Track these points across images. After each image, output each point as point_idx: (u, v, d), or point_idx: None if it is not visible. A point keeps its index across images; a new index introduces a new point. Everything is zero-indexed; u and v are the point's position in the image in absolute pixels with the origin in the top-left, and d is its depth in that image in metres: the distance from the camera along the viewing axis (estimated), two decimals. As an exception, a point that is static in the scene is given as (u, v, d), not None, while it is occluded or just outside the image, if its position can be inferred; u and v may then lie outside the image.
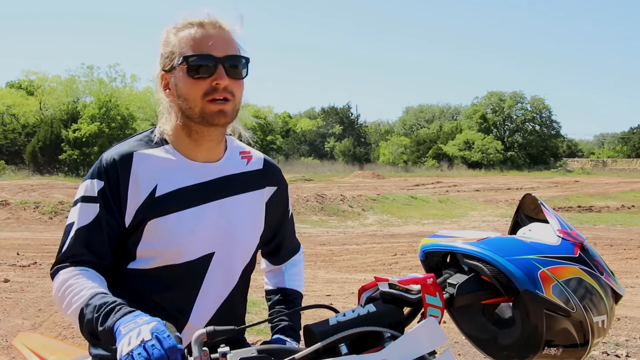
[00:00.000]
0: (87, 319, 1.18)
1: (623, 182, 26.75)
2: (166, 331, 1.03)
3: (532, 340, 1.10)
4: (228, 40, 1.35)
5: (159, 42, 1.39)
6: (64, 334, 4.53)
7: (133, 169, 1.36)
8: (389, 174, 36.12)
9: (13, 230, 10.51)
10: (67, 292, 1.26)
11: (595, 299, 1.10)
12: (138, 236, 1.36)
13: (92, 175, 1.37)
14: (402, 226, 12.22)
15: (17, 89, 38.48)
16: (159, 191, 1.36)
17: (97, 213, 1.34)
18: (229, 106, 1.33)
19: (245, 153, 1.53)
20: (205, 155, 1.43)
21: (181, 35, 1.33)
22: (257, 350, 1.05)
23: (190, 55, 1.30)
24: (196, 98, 1.32)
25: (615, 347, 4.30)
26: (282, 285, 1.64)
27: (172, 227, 1.36)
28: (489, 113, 49.38)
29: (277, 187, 1.56)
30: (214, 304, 1.44)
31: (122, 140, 1.45)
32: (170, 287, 1.39)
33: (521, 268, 1.08)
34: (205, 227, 1.40)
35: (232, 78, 1.32)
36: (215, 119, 1.33)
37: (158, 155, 1.40)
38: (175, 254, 1.37)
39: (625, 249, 9.06)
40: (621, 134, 63.22)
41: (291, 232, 1.66)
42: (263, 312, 4.85)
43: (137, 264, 1.38)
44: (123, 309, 1.14)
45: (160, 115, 1.44)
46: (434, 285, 1.12)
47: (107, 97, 32.51)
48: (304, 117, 57.20)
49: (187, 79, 1.31)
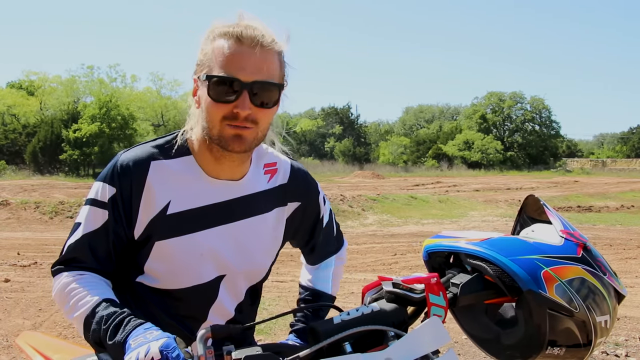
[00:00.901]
0: (93, 329, 1.16)
1: (622, 182, 26.74)
2: (176, 349, 1.02)
3: (535, 340, 1.10)
4: (264, 62, 1.21)
5: (201, 39, 1.28)
6: (64, 333, 4.53)
7: (148, 180, 1.29)
8: (389, 174, 36.10)
9: (14, 230, 10.50)
10: (72, 295, 1.23)
11: (598, 299, 1.10)
12: (147, 252, 1.31)
13: (105, 178, 1.31)
14: (402, 226, 12.21)
15: (17, 89, 38.42)
16: (171, 209, 1.30)
17: (105, 220, 1.29)
18: (249, 133, 1.23)
19: (271, 166, 1.43)
20: (227, 173, 1.34)
21: (215, 46, 1.22)
22: (262, 348, 1.06)
23: (214, 76, 1.20)
24: (215, 120, 1.23)
25: (615, 347, 4.31)
26: (313, 286, 1.58)
27: (180, 251, 1.30)
28: (488, 113, 49.38)
29: (301, 203, 1.47)
30: (222, 320, 1.40)
31: (141, 143, 1.37)
32: (178, 307, 1.35)
33: (524, 268, 1.09)
34: (217, 250, 1.33)
35: (257, 106, 1.21)
36: (231, 145, 1.24)
37: (176, 168, 1.32)
38: (183, 277, 1.33)
39: (624, 248, 9.06)
40: (621, 134, 63.23)
41: (327, 234, 1.58)
42: (263, 312, 4.85)
43: (145, 279, 1.34)
44: (132, 322, 1.12)
45: (188, 119, 1.35)
46: (437, 285, 1.12)
47: (107, 97, 32.48)
48: (304, 117, 57.19)
49: (209, 98, 1.22)
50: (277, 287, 5.96)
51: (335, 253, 1.63)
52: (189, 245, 1.31)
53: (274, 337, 4.42)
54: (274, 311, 5.02)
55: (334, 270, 1.62)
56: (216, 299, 1.37)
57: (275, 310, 5.11)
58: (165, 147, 1.34)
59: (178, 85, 38.33)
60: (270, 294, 5.60)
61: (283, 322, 4.63)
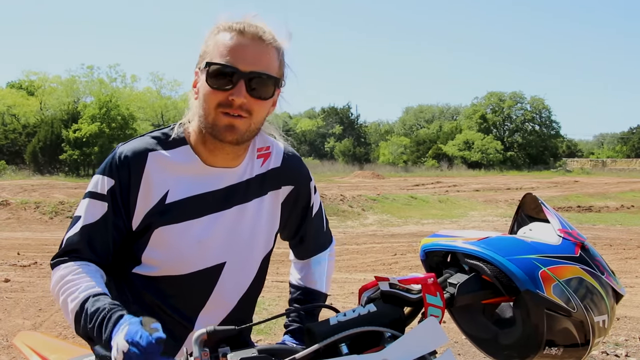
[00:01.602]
0: (82, 325, 1.17)
1: (622, 182, 26.74)
2: (139, 331, 1.00)
3: (533, 340, 1.10)
4: (263, 54, 1.25)
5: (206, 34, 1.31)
6: (64, 333, 4.52)
7: (146, 171, 1.31)
8: (389, 174, 36.10)
9: (14, 230, 10.50)
10: (63, 290, 1.24)
11: (596, 299, 1.10)
12: (145, 241, 1.33)
13: (103, 171, 1.32)
14: (402, 226, 12.21)
15: (17, 89, 38.49)
16: (170, 197, 1.32)
17: (104, 212, 1.30)
18: (241, 123, 1.26)
19: (263, 150, 1.44)
20: (223, 161, 1.36)
21: (218, 38, 1.26)
22: (258, 350, 1.05)
23: (213, 63, 1.24)
24: (210, 107, 1.26)
25: (615, 347, 4.30)
26: (305, 284, 1.57)
27: (178, 237, 1.32)
28: (488, 113, 49.41)
29: (294, 186, 1.48)
30: (222, 312, 1.41)
31: (139, 135, 1.39)
32: (176, 296, 1.36)
33: (522, 268, 1.08)
34: (215, 237, 1.35)
35: (253, 97, 1.24)
36: (223, 134, 1.26)
37: (174, 157, 1.34)
38: (180, 264, 1.34)
39: (624, 248, 9.06)
40: (620, 134, 63.25)
41: (317, 227, 1.57)
42: (263, 312, 4.85)
43: (142, 269, 1.35)
44: (113, 318, 1.11)
45: (186, 111, 1.38)
46: (434, 285, 1.11)
47: (107, 97, 32.53)
48: (304, 117, 57.26)
49: (207, 85, 1.25)
50: (277, 287, 5.96)
51: (327, 248, 1.62)
52: (188, 232, 1.33)
53: (273, 337, 4.42)
54: (274, 311, 5.01)
55: (327, 267, 1.60)
56: (215, 288, 1.38)
57: (275, 310, 5.10)
58: (163, 139, 1.36)
59: (178, 85, 38.44)
60: (270, 294, 5.60)
61: (283, 322, 4.62)
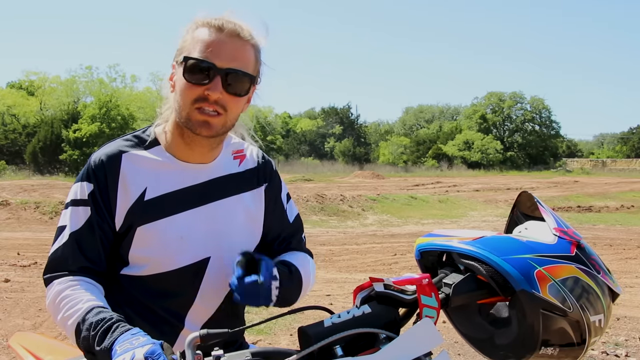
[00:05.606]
0: (83, 336, 1.15)
1: (622, 182, 26.73)
2: (161, 355, 1.00)
3: (529, 340, 1.09)
4: (240, 51, 1.28)
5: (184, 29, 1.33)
6: (64, 334, 4.52)
7: (122, 171, 1.33)
8: (389, 174, 36.11)
9: (14, 230, 10.50)
10: (63, 304, 1.23)
11: (592, 298, 1.09)
12: (129, 242, 1.33)
13: (81, 178, 1.34)
14: (402, 226, 12.21)
15: (17, 89, 38.54)
16: (148, 195, 1.33)
17: (88, 216, 1.31)
18: (217, 120, 1.28)
19: (239, 152, 1.48)
20: (198, 157, 1.38)
21: (196, 34, 1.28)
22: (251, 353, 1.05)
23: (190, 58, 1.25)
24: (186, 102, 1.27)
25: (615, 347, 4.30)
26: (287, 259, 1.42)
27: (161, 234, 1.33)
28: (488, 113, 49.45)
29: (268, 183, 1.50)
30: (210, 308, 1.41)
31: (110, 140, 1.41)
32: (165, 293, 1.36)
33: (517, 267, 1.07)
34: (197, 232, 1.36)
35: (228, 93, 1.26)
36: (198, 129, 1.28)
37: (148, 156, 1.36)
38: (166, 260, 1.34)
39: (624, 248, 9.05)
40: (621, 134, 63.21)
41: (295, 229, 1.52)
42: (263, 312, 4.84)
43: (130, 270, 1.35)
44: (120, 327, 1.11)
45: (158, 115, 1.41)
46: (429, 286, 1.10)
47: (107, 97, 32.56)
48: (304, 117, 57.24)
49: (183, 79, 1.27)
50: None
51: (309, 255, 1.53)
52: (169, 228, 1.33)
53: (273, 337, 4.41)
54: (274, 311, 4.98)
55: (311, 263, 1.50)
56: (201, 284, 1.38)
57: (275, 310, 5.08)
58: (135, 141, 1.39)
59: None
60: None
61: (282, 322, 4.62)
